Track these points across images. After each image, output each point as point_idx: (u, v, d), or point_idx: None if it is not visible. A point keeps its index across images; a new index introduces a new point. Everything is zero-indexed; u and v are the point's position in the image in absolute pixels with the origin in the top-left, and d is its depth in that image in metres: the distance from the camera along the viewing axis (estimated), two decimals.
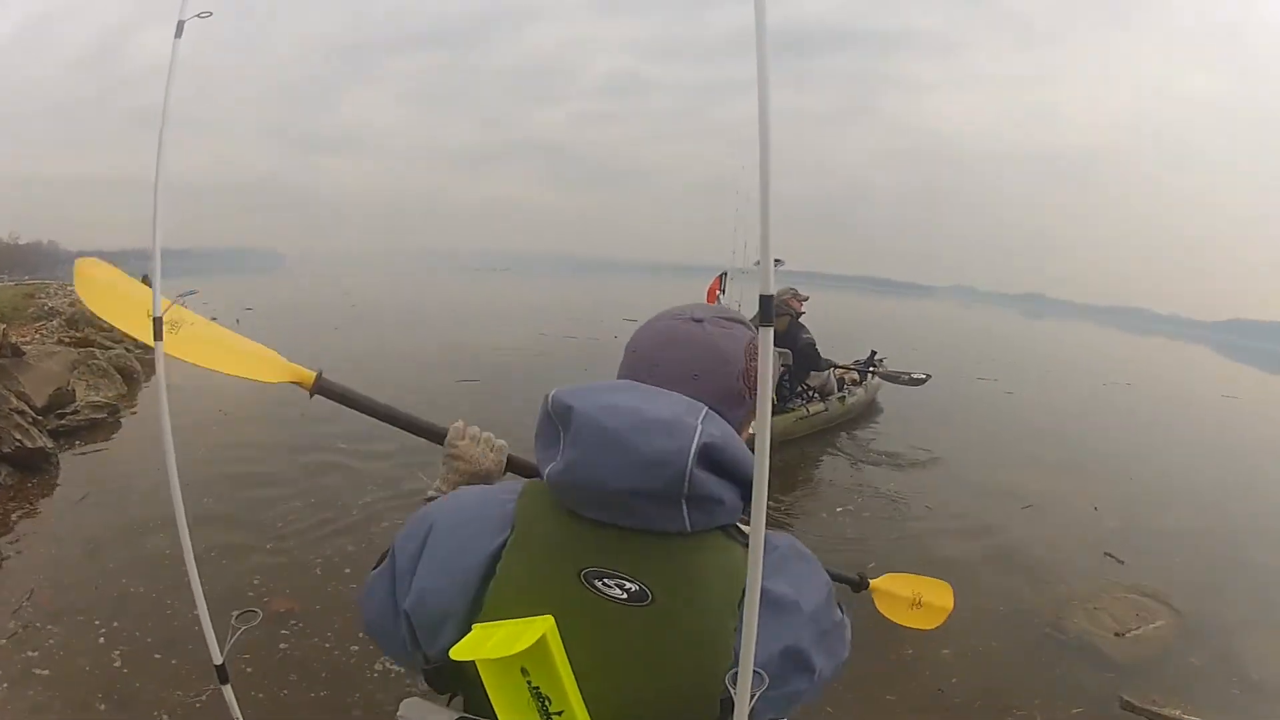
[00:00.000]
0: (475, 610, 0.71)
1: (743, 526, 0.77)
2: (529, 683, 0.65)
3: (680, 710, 0.68)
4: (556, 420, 0.71)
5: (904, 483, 5.69)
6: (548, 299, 24.56)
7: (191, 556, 1.44)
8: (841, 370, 7.63)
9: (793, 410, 6.49)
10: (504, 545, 0.72)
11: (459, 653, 0.64)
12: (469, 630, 0.68)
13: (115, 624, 2.93)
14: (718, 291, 7.48)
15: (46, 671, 2.62)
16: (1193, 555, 4.59)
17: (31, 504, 4.14)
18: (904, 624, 1.90)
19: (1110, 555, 4.38)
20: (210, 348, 1.35)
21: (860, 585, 1.92)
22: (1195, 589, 4.00)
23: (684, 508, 0.68)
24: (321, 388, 1.28)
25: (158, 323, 1.48)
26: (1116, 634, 3.37)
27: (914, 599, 1.89)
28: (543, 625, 0.64)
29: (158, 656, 2.71)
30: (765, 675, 0.61)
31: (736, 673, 0.57)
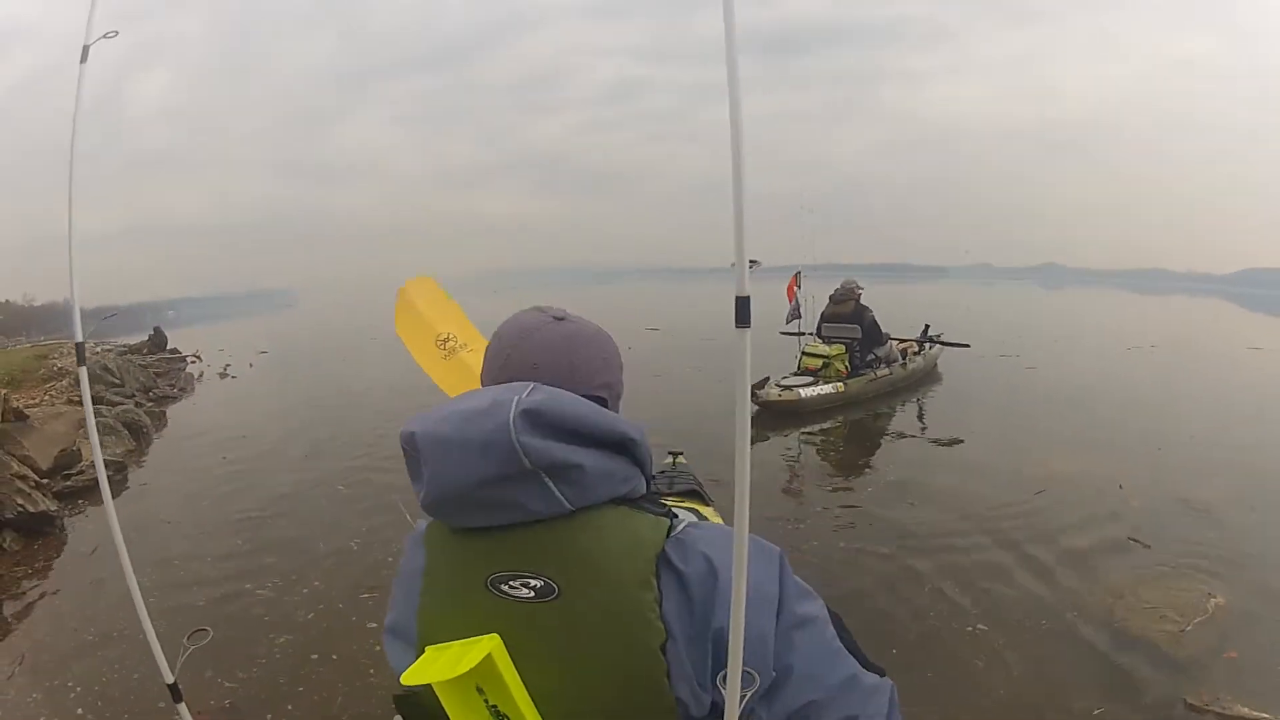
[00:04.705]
0: (414, 641, 0.72)
1: (670, 504, 0.79)
2: (486, 701, 0.66)
3: (628, 694, 0.66)
4: (410, 450, 0.71)
5: (918, 472, 5.50)
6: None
7: (135, 581, 1.50)
8: (903, 343, 8.82)
9: (863, 375, 7.78)
10: (421, 575, 0.74)
11: (410, 678, 0.65)
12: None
13: (77, 683, 2.88)
14: (795, 288, 8.33)
15: None
16: (1235, 529, 4.20)
17: (34, 567, 4.12)
18: None
19: (1135, 540, 4.03)
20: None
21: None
22: (1242, 567, 3.69)
23: (548, 482, 0.67)
24: None
25: (80, 348, 1.57)
26: (1164, 627, 3.12)
27: None
28: (488, 644, 0.65)
29: None
30: (756, 675, 0.63)
31: (725, 674, 0.61)
